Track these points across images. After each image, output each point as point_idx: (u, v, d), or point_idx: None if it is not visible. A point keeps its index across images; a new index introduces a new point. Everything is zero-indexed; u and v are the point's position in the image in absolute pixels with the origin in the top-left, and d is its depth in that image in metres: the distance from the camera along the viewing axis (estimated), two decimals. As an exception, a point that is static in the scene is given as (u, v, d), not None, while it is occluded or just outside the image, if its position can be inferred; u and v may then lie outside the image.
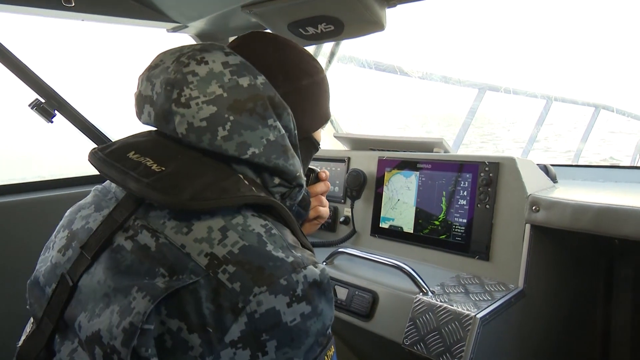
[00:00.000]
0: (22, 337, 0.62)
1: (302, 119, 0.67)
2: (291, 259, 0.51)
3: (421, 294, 0.98)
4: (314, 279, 0.51)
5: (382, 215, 1.33)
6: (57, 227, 0.66)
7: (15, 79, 1.38)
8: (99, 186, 0.66)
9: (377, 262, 1.08)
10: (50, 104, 1.43)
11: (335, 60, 1.84)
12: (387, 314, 1.02)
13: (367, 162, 1.39)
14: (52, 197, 1.47)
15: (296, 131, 0.63)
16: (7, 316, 1.33)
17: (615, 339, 1.28)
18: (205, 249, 0.50)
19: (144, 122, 0.62)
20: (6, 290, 1.36)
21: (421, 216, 1.23)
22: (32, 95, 1.42)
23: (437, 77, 2.89)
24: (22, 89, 1.40)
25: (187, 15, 1.31)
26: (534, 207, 1.02)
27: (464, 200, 1.15)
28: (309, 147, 0.73)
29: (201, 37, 1.50)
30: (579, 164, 2.14)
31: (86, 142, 1.61)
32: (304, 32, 1.13)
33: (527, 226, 1.03)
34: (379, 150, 1.47)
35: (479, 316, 0.88)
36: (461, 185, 1.16)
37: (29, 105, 1.41)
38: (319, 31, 1.10)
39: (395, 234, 1.29)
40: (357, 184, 1.36)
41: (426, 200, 1.23)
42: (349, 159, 1.46)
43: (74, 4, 1.14)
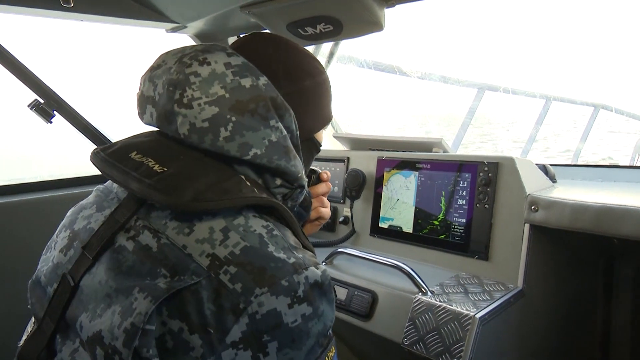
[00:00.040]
0: (23, 336, 0.62)
1: (304, 120, 0.67)
2: (292, 260, 0.51)
3: (420, 293, 0.99)
4: (315, 280, 0.51)
5: (381, 215, 1.33)
6: (58, 227, 0.66)
7: (14, 79, 1.38)
8: (100, 186, 0.66)
9: (376, 262, 1.08)
10: (49, 104, 1.43)
11: (334, 60, 1.84)
12: (387, 314, 1.02)
13: (366, 162, 1.39)
14: (52, 198, 1.47)
15: (298, 132, 0.63)
16: (8, 316, 1.33)
17: (615, 339, 1.28)
18: (206, 249, 0.50)
19: (146, 123, 0.62)
20: (6, 290, 1.36)
21: (420, 216, 1.23)
22: (32, 95, 1.42)
23: (436, 77, 2.89)
24: (22, 89, 1.41)
25: (186, 15, 1.31)
26: (533, 207, 1.02)
27: (463, 200, 1.15)
28: (311, 148, 0.73)
29: (200, 37, 1.50)
30: (578, 163, 2.14)
31: (86, 142, 1.61)
32: (303, 32, 1.13)
33: (526, 226, 1.03)
34: (378, 150, 1.47)
35: (478, 316, 0.88)
36: (460, 185, 1.16)
37: (28, 105, 1.41)
38: (318, 31, 1.10)
39: (394, 234, 1.29)
40: (356, 184, 1.36)
41: (425, 200, 1.23)
42: (348, 159, 1.46)
43: (73, 5, 1.14)
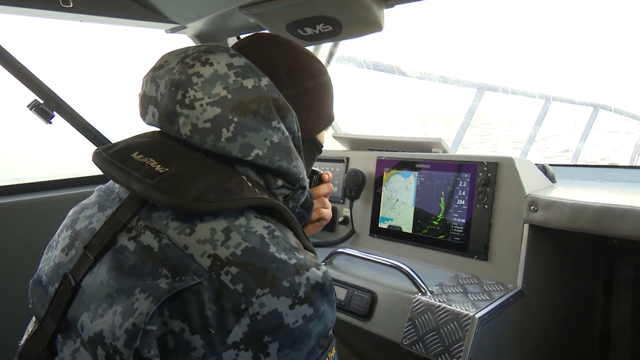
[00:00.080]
0: (24, 336, 0.62)
1: (306, 121, 0.67)
2: (294, 261, 0.51)
3: (420, 294, 0.99)
4: (316, 281, 0.51)
5: (380, 215, 1.33)
6: (60, 227, 0.66)
7: (14, 79, 1.38)
8: (102, 186, 0.66)
9: (376, 262, 1.08)
10: (48, 104, 1.43)
11: (333, 60, 1.84)
12: (386, 314, 1.02)
13: (365, 162, 1.40)
14: (52, 198, 1.47)
15: (300, 133, 0.63)
16: (8, 316, 1.33)
17: (615, 339, 1.28)
18: (208, 250, 0.50)
19: (147, 123, 0.62)
20: (6, 290, 1.36)
21: (420, 216, 1.23)
22: (31, 96, 1.42)
23: (435, 77, 2.90)
24: (21, 90, 1.41)
25: (185, 16, 1.31)
26: (532, 207, 1.02)
27: (463, 200, 1.15)
28: (313, 149, 0.73)
29: (200, 37, 1.50)
30: (577, 163, 2.14)
31: (85, 143, 1.61)
32: (302, 33, 1.13)
33: (526, 226, 1.03)
34: (378, 150, 1.47)
35: (478, 316, 0.88)
36: (460, 185, 1.16)
37: (28, 106, 1.41)
38: (317, 32, 1.10)
39: (394, 234, 1.29)
40: (355, 184, 1.37)
41: (425, 200, 1.23)
42: (348, 159, 1.46)
43: (72, 5, 1.15)
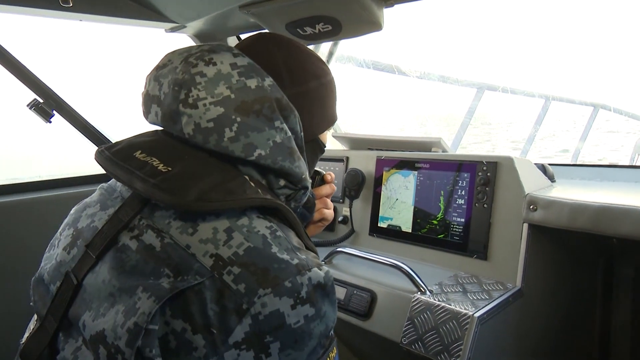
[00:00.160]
0: (25, 334, 0.62)
1: (309, 121, 0.67)
2: (296, 261, 0.51)
3: (419, 293, 0.99)
4: (318, 281, 0.51)
5: (380, 214, 1.33)
6: (62, 225, 0.66)
7: (13, 79, 1.38)
8: (104, 185, 0.66)
9: (375, 262, 1.08)
10: (48, 104, 1.43)
11: (333, 60, 1.84)
12: (385, 313, 1.02)
13: (365, 162, 1.40)
14: (52, 197, 1.47)
15: (302, 133, 0.63)
16: (8, 315, 1.33)
17: (614, 338, 1.28)
18: (210, 249, 0.50)
19: (150, 122, 0.62)
20: (7, 289, 1.36)
21: (419, 215, 1.23)
22: (31, 95, 1.42)
23: (435, 77, 2.90)
24: (21, 89, 1.41)
25: (185, 15, 1.31)
26: (531, 207, 1.02)
27: (462, 199, 1.15)
28: (315, 149, 0.73)
29: (199, 37, 1.50)
30: (577, 163, 2.14)
31: (85, 142, 1.61)
32: (302, 32, 1.13)
33: (525, 225, 1.03)
34: (378, 149, 1.47)
35: (477, 315, 0.88)
36: (459, 184, 1.16)
37: (27, 105, 1.41)
38: (317, 31, 1.10)
39: (393, 234, 1.29)
40: (355, 184, 1.37)
41: (424, 199, 1.23)
42: (348, 158, 1.46)
43: (71, 4, 1.15)
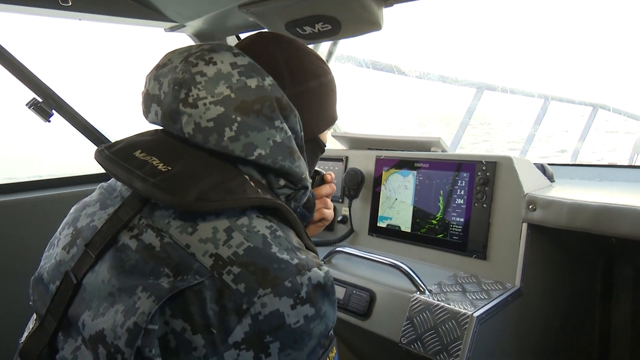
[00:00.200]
0: (25, 333, 0.62)
1: (309, 120, 0.67)
2: (296, 261, 0.51)
3: (418, 292, 0.99)
4: (318, 281, 0.51)
5: (379, 214, 1.33)
6: (61, 224, 0.66)
7: (12, 78, 1.38)
8: (104, 184, 0.66)
9: (374, 261, 1.08)
10: (47, 103, 1.43)
11: (333, 59, 1.84)
12: (385, 313, 1.02)
13: (364, 162, 1.40)
14: (52, 196, 1.47)
15: (302, 133, 0.63)
16: (7, 315, 1.33)
17: (614, 338, 1.28)
18: (210, 249, 0.50)
19: (150, 121, 0.62)
20: (6, 289, 1.36)
21: (419, 215, 1.23)
22: (30, 94, 1.42)
23: (434, 77, 2.90)
24: (21, 88, 1.41)
25: (184, 14, 1.31)
26: (530, 206, 1.02)
27: (461, 199, 1.15)
28: (315, 149, 0.73)
29: (199, 36, 1.49)
30: (576, 163, 2.14)
31: (85, 142, 1.61)
32: (301, 32, 1.13)
33: (524, 225, 1.03)
34: (377, 149, 1.47)
35: (476, 315, 0.88)
36: (458, 184, 1.16)
37: (26, 104, 1.41)
38: (317, 30, 1.10)
39: (392, 233, 1.29)
40: (354, 183, 1.37)
41: (424, 199, 1.23)
42: (347, 158, 1.46)
43: (71, 3, 1.14)
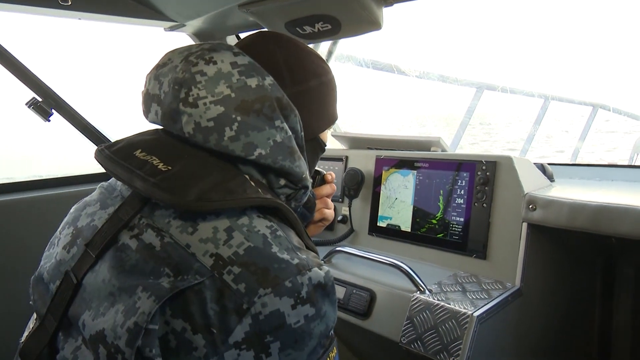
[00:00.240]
0: (25, 333, 0.62)
1: (309, 120, 0.67)
2: (296, 261, 0.51)
3: (418, 292, 0.99)
4: (318, 281, 0.51)
5: (379, 214, 1.33)
6: (62, 224, 0.65)
7: (12, 78, 1.38)
8: (104, 183, 0.66)
9: (374, 261, 1.08)
10: (47, 102, 1.42)
11: (332, 59, 1.84)
12: (385, 313, 1.02)
13: (364, 161, 1.40)
14: (52, 196, 1.47)
15: (303, 132, 0.63)
16: (7, 315, 1.33)
17: (614, 338, 1.28)
18: (210, 249, 0.50)
19: (150, 121, 0.62)
20: (6, 289, 1.36)
21: (419, 215, 1.23)
22: (30, 94, 1.42)
23: (434, 76, 2.90)
24: (20, 88, 1.40)
25: (184, 14, 1.31)
26: (530, 206, 1.02)
27: (461, 199, 1.15)
28: (316, 149, 0.73)
29: (198, 36, 1.49)
30: (576, 162, 2.14)
31: (84, 141, 1.61)
32: (301, 31, 1.13)
33: (524, 225, 1.03)
34: (377, 149, 1.47)
35: (476, 314, 0.88)
36: (458, 184, 1.16)
37: (26, 103, 1.41)
38: (316, 30, 1.10)
39: (392, 233, 1.29)
40: (354, 183, 1.36)
41: (424, 199, 1.23)
42: (347, 157, 1.46)
43: (70, 3, 1.14)
